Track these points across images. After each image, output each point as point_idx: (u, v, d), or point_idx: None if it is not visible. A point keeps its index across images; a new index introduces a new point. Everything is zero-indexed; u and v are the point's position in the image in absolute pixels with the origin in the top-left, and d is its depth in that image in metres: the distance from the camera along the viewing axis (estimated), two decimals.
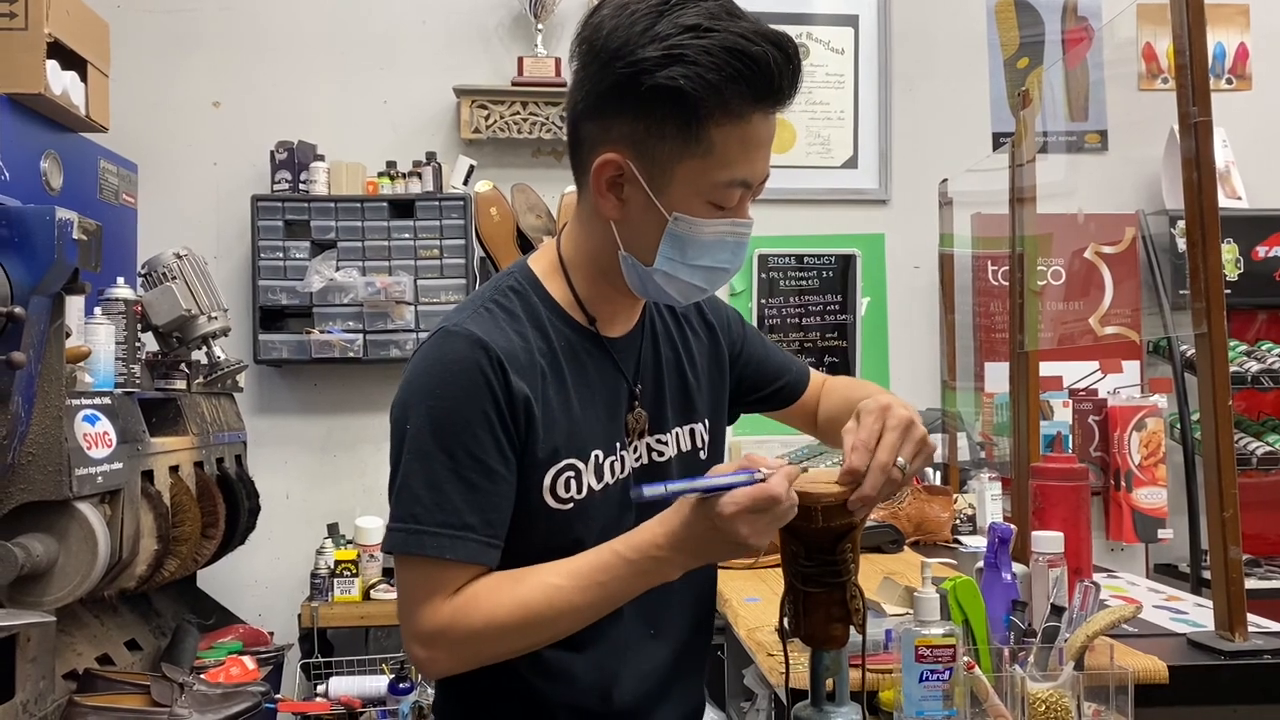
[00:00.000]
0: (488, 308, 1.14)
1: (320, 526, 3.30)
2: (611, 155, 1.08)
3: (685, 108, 1.03)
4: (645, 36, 1.03)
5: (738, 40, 1.02)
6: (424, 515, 1.07)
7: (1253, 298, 3.50)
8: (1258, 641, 1.63)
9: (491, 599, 1.07)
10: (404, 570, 1.10)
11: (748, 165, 1.08)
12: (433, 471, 1.07)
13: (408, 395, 1.10)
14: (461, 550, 1.07)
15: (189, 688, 2.24)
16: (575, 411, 1.15)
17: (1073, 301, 3.52)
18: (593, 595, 1.07)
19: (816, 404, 1.47)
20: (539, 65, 3.42)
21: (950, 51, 3.71)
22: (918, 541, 2.85)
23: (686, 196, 1.08)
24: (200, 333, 2.71)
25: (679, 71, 1.02)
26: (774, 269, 3.63)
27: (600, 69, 1.06)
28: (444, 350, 1.10)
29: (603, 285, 1.18)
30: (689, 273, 1.13)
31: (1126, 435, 3.34)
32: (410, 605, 1.09)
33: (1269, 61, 3.76)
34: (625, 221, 1.12)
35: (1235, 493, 1.63)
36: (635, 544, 1.06)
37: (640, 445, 1.22)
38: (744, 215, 1.12)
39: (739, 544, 1.01)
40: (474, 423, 1.07)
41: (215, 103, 3.49)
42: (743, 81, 1.03)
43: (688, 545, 1.04)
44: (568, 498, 1.14)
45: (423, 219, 3.28)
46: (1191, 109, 1.65)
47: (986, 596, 1.45)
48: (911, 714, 1.28)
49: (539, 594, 1.07)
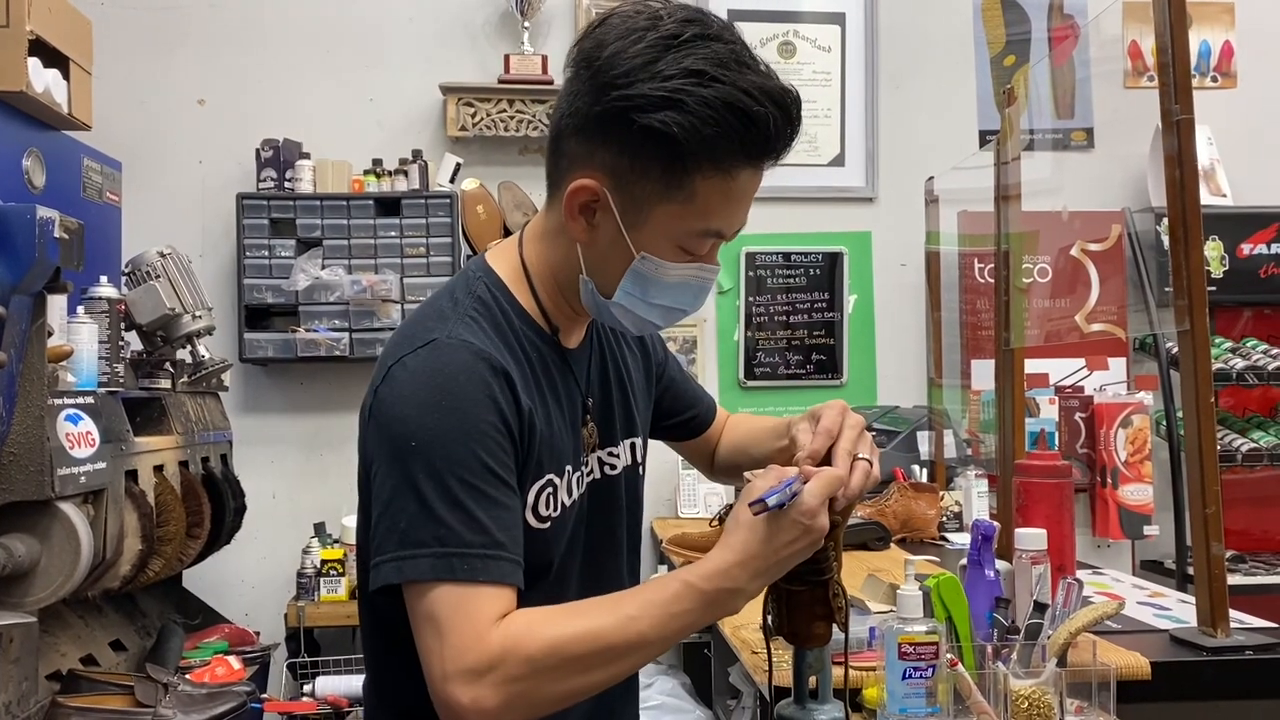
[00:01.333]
0: (473, 316, 1.08)
1: (307, 526, 3.29)
2: (589, 181, 1.04)
3: (673, 154, 1.00)
4: (646, 71, 0.99)
5: (740, 97, 0.98)
6: (449, 536, 0.97)
7: (1238, 294, 3.51)
8: (1240, 637, 1.64)
9: (550, 626, 0.97)
10: (429, 601, 0.97)
11: (726, 218, 1.06)
12: (449, 489, 0.98)
13: (403, 410, 1.01)
14: (496, 571, 0.98)
15: (174, 688, 2.23)
16: (553, 423, 1.12)
17: (1059, 299, 3.54)
18: (665, 628, 0.99)
19: (717, 439, 1.46)
20: (525, 63, 3.41)
21: (937, 49, 3.71)
22: (904, 539, 2.86)
23: (658, 238, 1.05)
24: (184, 331, 2.70)
25: (673, 118, 0.98)
26: (761, 267, 3.63)
27: (595, 91, 1.02)
28: (444, 361, 1.03)
29: (562, 302, 1.15)
30: (646, 309, 1.10)
31: (1112, 432, 3.35)
32: (446, 635, 0.96)
33: (1254, 59, 3.77)
34: (591, 247, 1.08)
35: (1218, 489, 1.64)
36: (707, 573, 1.00)
37: (591, 459, 1.20)
38: (713, 261, 1.10)
39: (819, 538, 1.00)
40: (487, 435, 1.01)
41: (200, 100, 3.48)
42: (737, 140, 1.00)
43: (768, 563, 1.00)
44: (547, 515, 1.10)
45: (409, 217, 3.27)
46: (1174, 106, 1.66)
47: (970, 593, 1.45)
48: (895, 711, 1.28)
49: (612, 623, 0.98)
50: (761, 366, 3.62)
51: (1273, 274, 3.50)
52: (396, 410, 1.02)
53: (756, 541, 1.00)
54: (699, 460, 1.49)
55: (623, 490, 1.24)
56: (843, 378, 3.64)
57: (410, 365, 1.04)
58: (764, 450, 1.33)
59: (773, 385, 3.62)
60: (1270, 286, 3.50)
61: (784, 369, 3.63)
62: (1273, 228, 3.50)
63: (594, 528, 1.20)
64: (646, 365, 1.33)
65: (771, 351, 3.63)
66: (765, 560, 1.00)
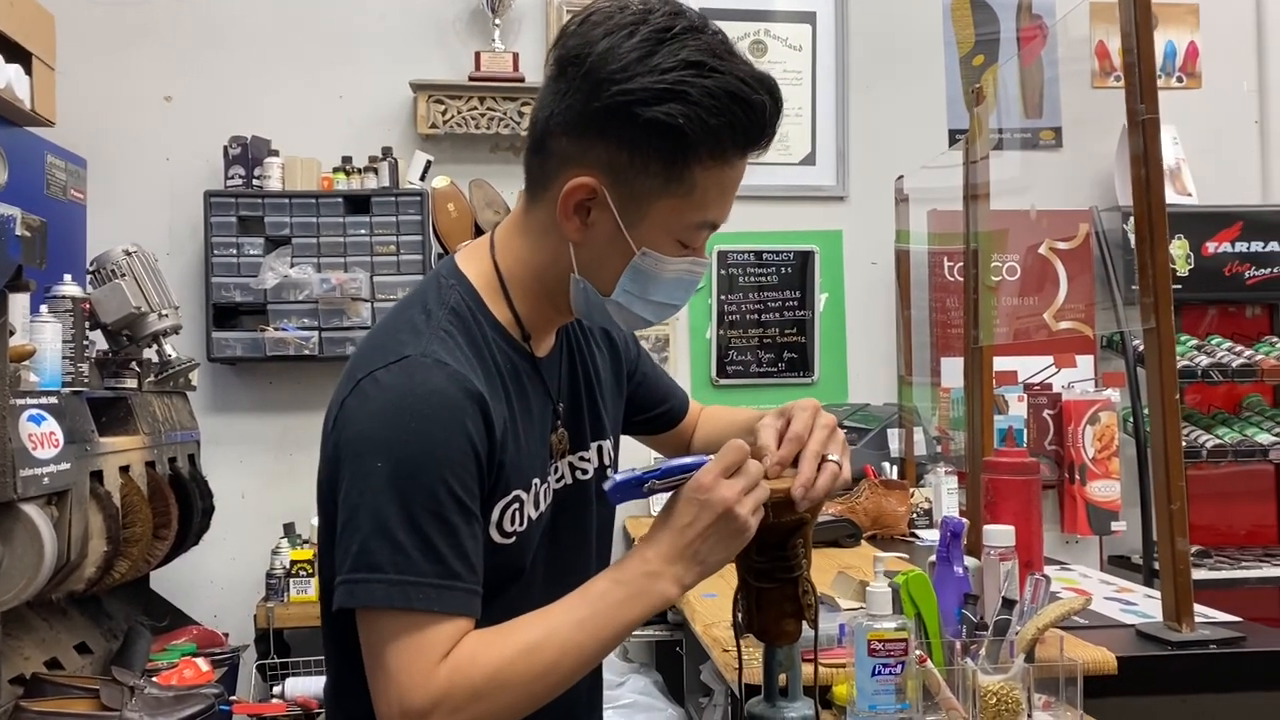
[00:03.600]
0: (447, 330, 1.06)
1: (276, 526, 3.26)
2: (586, 179, 1.03)
3: (677, 146, 1.00)
4: (643, 65, 0.99)
5: (740, 86, 1.00)
6: (405, 564, 0.96)
7: (1203, 293, 3.55)
8: (1204, 632, 1.66)
9: (490, 652, 0.98)
10: (380, 629, 0.97)
11: (721, 207, 1.08)
12: (412, 514, 0.97)
13: (371, 428, 0.99)
14: (451, 602, 0.98)
15: (140, 691, 2.20)
16: (522, 440, 1.10)
17: (1028, 297, 3.56)
18: (591, 627, 1.01)
19: (692, 432, 1.47)
20: (496, 60, 3.40)
21: (907, 48, 3.73)
22: (875, 535, 2.87)
23: (657, 232, 1.06)
24: (150, 330, 2.67)
25: (679, 109, 0.99)
26: (733, 265, 3.63)
27: (588, 89, 1.01)
28: (416, 382, 1.00)
29: (543, 305, 1.13)
30: (643, 307, 1.10)
31: (1080, 429, 3.38)
32: (394, 672, 0.96)
33: (1219, 60, 3.82)
34: (586, 246, 1.07)
35: (1183, 485, 1.65)
36: (623, 565, 1.03)
37: (562, 465, 1.19)
38: (703, 254, 1.11)
39: (728, 515, 0.99)
40: (454, 461, 0.99)
41: (167, 97, 3.44)
42: (738, 128, 1.01)
43: (676, 549, 1.01)
44: (512, 531, 1.09)
45: (379, 215, 3.25)
46: (1139, 106, 1.67)
47: (939, 590, 1.46)
48: (864, 708, 1.29)
49: (540, 636, 1.00)
50: (734, 365, 3.63)
51: (1237, 272, 3.55)
52: (364, 428, 1.00)
53: (660, 525, 1.02)
54: (673, 454, 1.49)
55: (593, 494, 1.23)
56: (814, 376, 3.65)
57: (382, 381, 1.01)
58: None
59: (745, 383, 3.63)
60: (1235, 285, 3.55)
61: (756, 367, 3.64)
62: (1237, 226, 3.54)
63: (564, 533, 1.19)
64: (616, 364, 1.32)
65: (743, 350, 3.64)
66: (673, 543, 1.01)
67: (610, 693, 2.80)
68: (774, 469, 1.06)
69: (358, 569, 0.98)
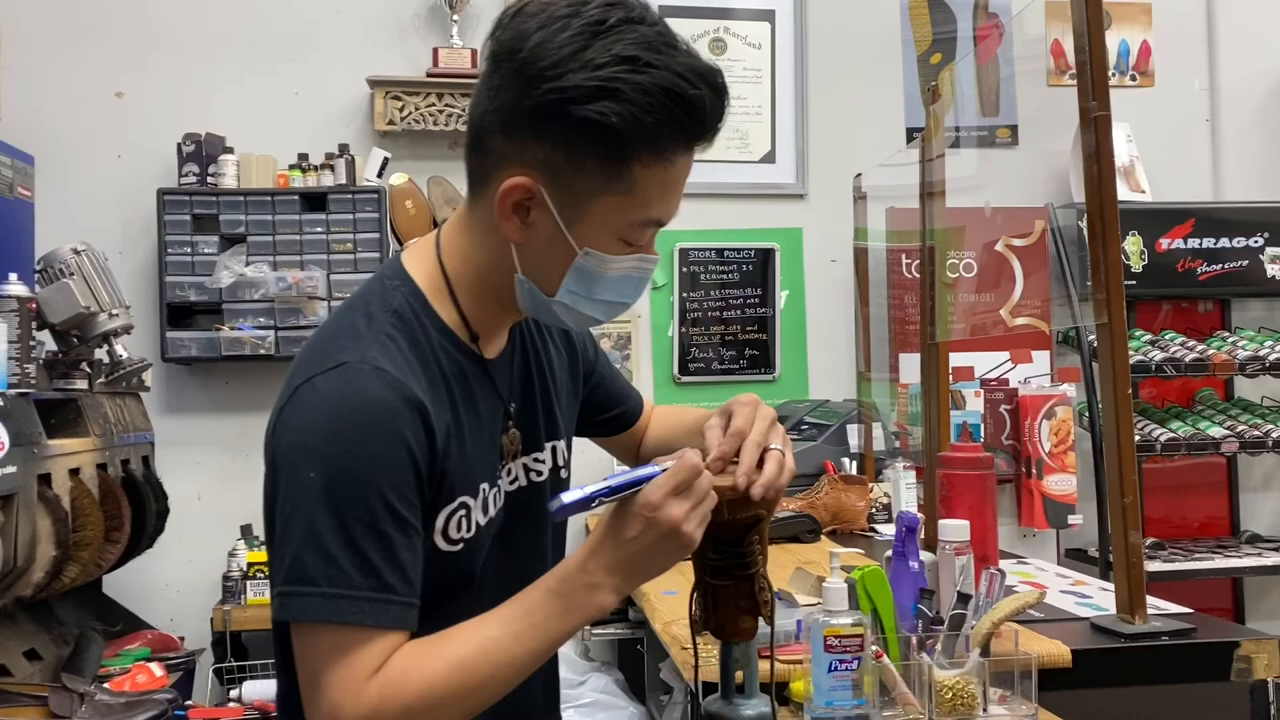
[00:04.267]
0: (389, 335, 1.03)
1: (233, 528, 3.22)
2: (522, 179, 1.00)
3: (612, 145, 0.97)
4: (576, 60, 0.95)
5: (676, 81, 0.96)
6: (339, 577, 0.94)
7: (1157, 288, 3.60)
8: (1157, 624, 1.68)
9: (422, 667, 0.96)
10: (313, 643, 0.96)
11: (665, 205, 1.04)
12: (346, 526, 0.95)
13: (306, 438, 0.97)
14: (384, 616, 0.95)
15: (90, 698, 2.17)
16: (468, 445, 1.07)
17: (984, 293, 3.59)
18: (529, 640, 0.99)
19: (642, 434, 1.46)
20: (455, 56, 3.37)
21: (865, 47, 3.75)
22: (835, 530, 2.89)
23: (599, 231, 1.02)
24: (100, 330, 2.62)
25: (612, 108, 0.95)
26: (695, 263, 3.64)
27: (521, 85, 0.98)
28: (354, 388, 0.98)
29: (490, 305, 1.11)
30: (590, 306, 1.07)
31: (1037, 424, 3.42)
32: (326, 687, 0.95)
33: (1171, 59, 3.87)
34: (527, 246, 1.04)
35: (1135, 479, 1.67)
36: (563, 576, 1.00)
37: (515, 467, 1.17)
38: (651, 251, 1.08)
39: (674, 533, 0.97)
40: (393, 471, 0.97)
41: (118, 93, 3.38)
42: (677, 125, 0.98)
43: (619, 561, 0.99)
44: (458, 539, 1.07)
45: (336, 212, 3.21)
46: (1091, 103, 1.69)
47: (895, 585, 1.47)
48: (821, 704, 1.29)
49: (473, 649, 0.98)
50: (696, 362, 3.63)
51: (1189, 268, 3.60)
52: (300, 438, 0.98)
53: (601, 536, 0.99)
54: (625, 455, 1.48)
55: (548, 495, 1.21)
56: (775, 372, 3.66)
57: (320, 388, 0.99)
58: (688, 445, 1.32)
59: (707, 380, 3.63)
60: (1188, 280, 3.60)
61: (718, 364, 3.64)
62: (1189, 223, 3.59)
63: (518, 536, 1.17)
64: (573, 364, 1.31)
65: (705, 347, 3.64)
66: (615, 555, 0.99)
67: (571, 691, 2.79)
68: (716, 464, 1.05)
69: (291, 581, 0.96)
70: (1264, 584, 3.73)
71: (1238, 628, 1.92)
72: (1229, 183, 3.85)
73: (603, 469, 1.14)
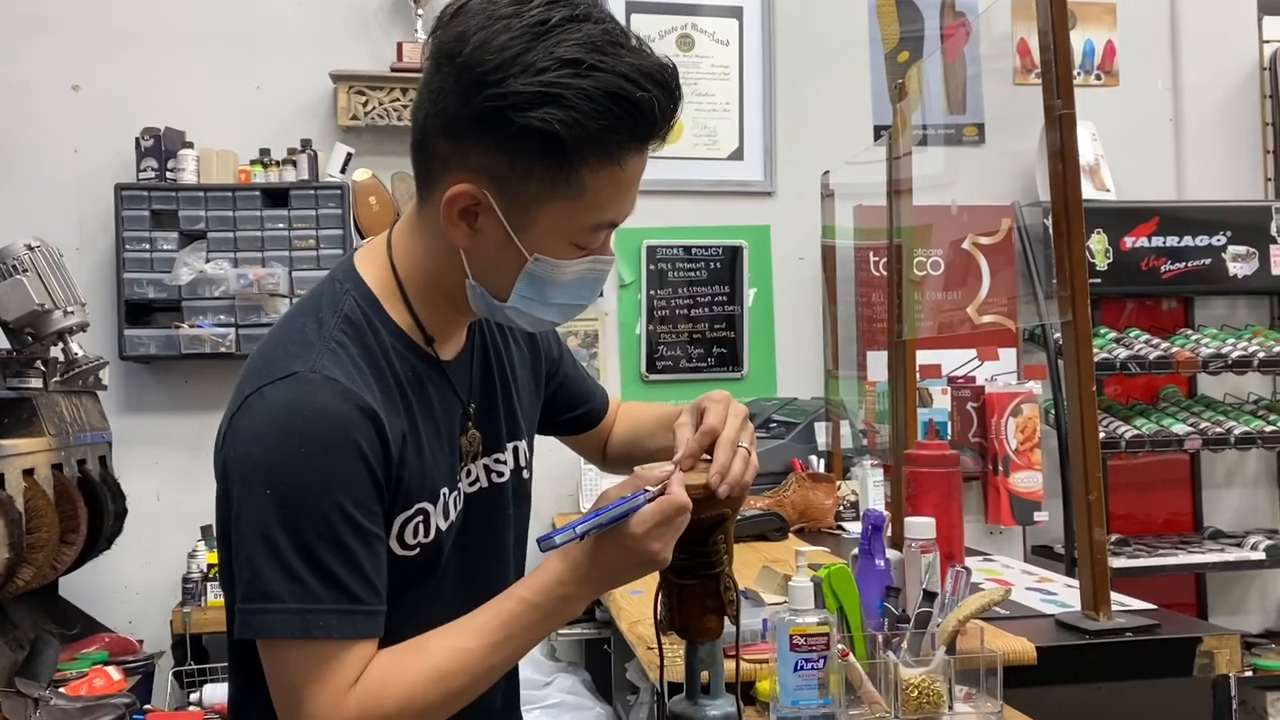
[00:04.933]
0: (339, 342, 1.01)
1: (193, 529, 3.16)
2: (467, 186, 0.98)
3: (557, 151, 0.94)
4: (517, 64, 0.92)
5: (622, 85, 0.93)
6: (301, 592, 0.93)
7: (1121, 286, 3.62)
8: (1121, 620, 1.68)
9: (400, 678, 0.97)
10: (283, 659, 0.95)
11: (618, 207, 1.02)
12: (305, 541, 0.94)
13: (257, 450, 0.95)
14: (351, 627, 0.95)
15: (44, 702, 2.12)
16: (425, 451, 1.06)
17: (951, 290, 3.60)
18: (505, 650, 1.00)
19: (609, 432, 1.45)
20: (419, 50, 3.33)
21: (833, 44, 3.75)
22: (803, 528, 2.88)
23: (549, 237, 1.00)
24: (55, 328, 2.57)
25: (554, 114, 0.92)
26: (662, 260, 3.62)
27: (462, 90, 0.95)
28: (305, 399, 0.96)
29: (443, 307, 1.09)
30: (543, 310, 1.06)
31: (1003, 421, 3.43)
32: (305, 700, 0.94)
33: (1135, 58, 3.89)
34: (476, 252, 1.02)
35: (1099, 476, 1.67)
36: (539, 587, 1.01)
37: (475, 468, 1.15)
38: (606, 252, 1.06)
39: (651, 561, 0.99)
40: (349, 482, 0.96)
41: (75, 86, 3.32)
42: (624, 129, 0.95)
43: (595, 576, 1.00)
44: (415, 543, 1.05)
45: (298, 208, 3.17)
46: (1056, 101, 1.69)
47: (861, 583, 1.46)
48: (787, 704, 1.28)
49: (451, 661, 0.98)
50: (663, 360, 3.62)
51: (1154, 266, 3.63)
52: (252, 451, 0.96)
53: (584, 557, 1.00)
54: (591, 453, 1.47)
55: (510, 496, 1.20)
56: (743, 370, 3.66)
57: (269, 399, 0.97)
58: (657, 444, 1.31)
59: (674, 379, 3.61)
60: (1152, 279, 3.63)
61: (686, 362, 3.63)
62: (1153, 221, 3.62)
63: (479, 538, 1.15)
64: (536, 363, 1.29)
65: (673, 345, 3.63)
66: (591, 572, 1.00)
67: (537, 692, 2.76)
68: (686, 461, 1.05)
69: (253, 598, 0.95)
70: (1226, 579, 3.77)
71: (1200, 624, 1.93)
72: (1192, 182, 3.88)
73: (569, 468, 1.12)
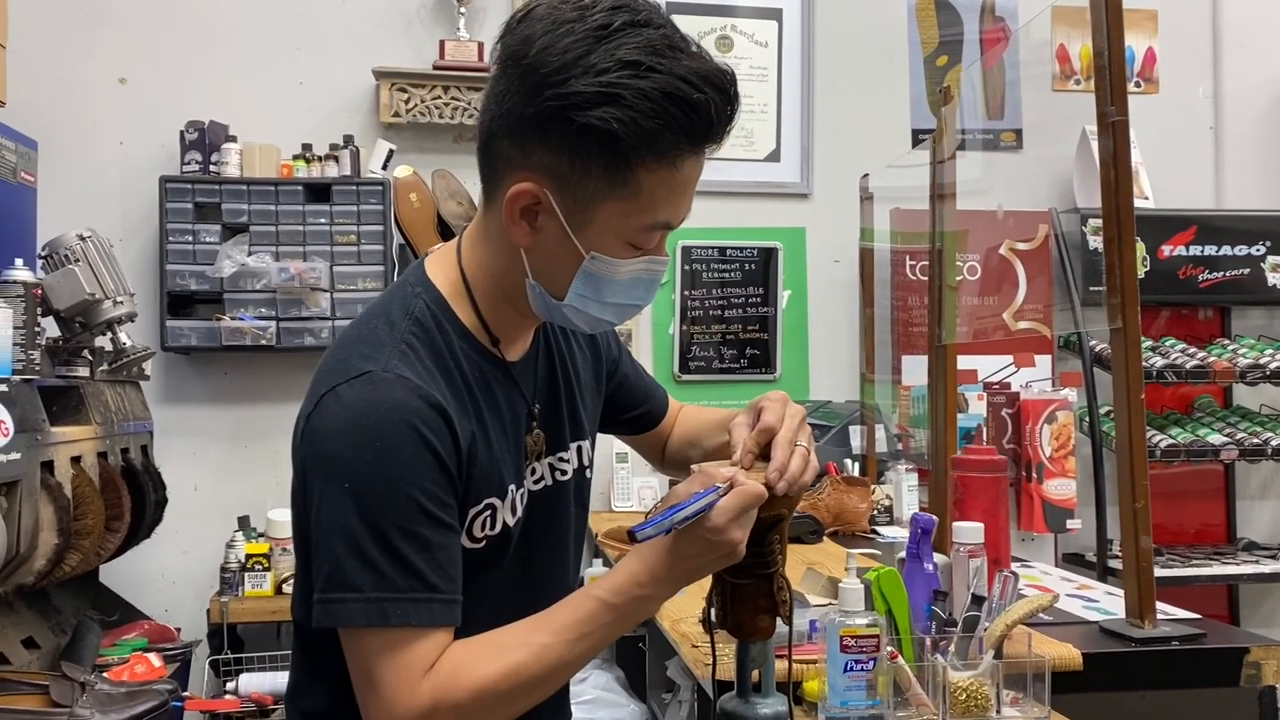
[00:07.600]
0: (409, 344, 1.05)
1: (230, 519, 3.20)
2: (528, 185, 1.01)
3: (615, 151, 0.97)
4: (579, 66, 0.95)
5: (679, 86, 0.95)
6: (381, 581, 0.97)
7: (1158, 295, 3.61)
8: (1166, 629, 1.68)
9: (477, 669, 0.99)
10: (363, 647, 0.98)
11: (673, 208, 1.04)
12: (383, 532, 0.97)
13: (335, 447, 0.99)
14: (428, 615, 0.98)
15: (90, 687, 2.15)
16: (494, 448, 1.09)
17: (987, 296, 3.59)
18: (582, 647, 1.02)
19: (669, 433, 1.46)
20: (461, 49, 3.36)
21: (871, 47, 3.75)
22: (836, 532, 2.88)
23: (606, 236, 1.03)
24: (105, 318, 2.61)
25: (613, 114, 0.95)
26: (697, 260, 3.63)
27: (526, 91, 0.98)
28: (379, 396, 0.99)
29: (506, 309, 1.12)
30: (600, 309, 1.08)
31: (1038, 428, 3.41)
32: (380, 686, 0.97)
33: (1176, 66, 3.87)
34: (536, 251, 1.05)
35: (1146, 484, 1.67)
36: (616, 588, 1.02)
37: (540, 466, 1.17)
38: (661, 253, 1.08)
39: (733, 552, 1.00)
40: (422, 476, 0.99)
41: (122, 79, 3.36)
42: (680, 130, 0.97)
43: (675, 574, 1.01)
44: (483, 536, 1.09)
45: (339, 204, 3.20)
46: (1109, 108, 1.69)
47: (909, 586, 1.47)
48: (836, 704, 1.29)
49: (528, 655, 1.00)
50: (696, 360, 3.63)
51: (1190, 275, 3.61)
52: (329, 447, 1.00)
53: (662, 552, 1.01)
54: (650, 453, 1.48)
55: (571, 494, 1.22)
56: (776, 372, 3.66)
57: (344, 398, 1.00)
58: (713, 443, 1.33)
59: (707, 379, 3.62)
60: (1188, 287, 3.61)
61: (718, 363, 3.64)
62: (1191, 230, 3.60)
63: (542, 535, 1.18)
64: (597, 363, 1.31)
65: (706, 345, 3.63)
66: (672, 570, 1.01)
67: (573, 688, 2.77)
68: (747, 458, 1.06)
69: (332, 588, 0.98)
70: (1259, 591, 3.75)
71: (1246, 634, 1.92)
72: (1231, 191, 3.86)
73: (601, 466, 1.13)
